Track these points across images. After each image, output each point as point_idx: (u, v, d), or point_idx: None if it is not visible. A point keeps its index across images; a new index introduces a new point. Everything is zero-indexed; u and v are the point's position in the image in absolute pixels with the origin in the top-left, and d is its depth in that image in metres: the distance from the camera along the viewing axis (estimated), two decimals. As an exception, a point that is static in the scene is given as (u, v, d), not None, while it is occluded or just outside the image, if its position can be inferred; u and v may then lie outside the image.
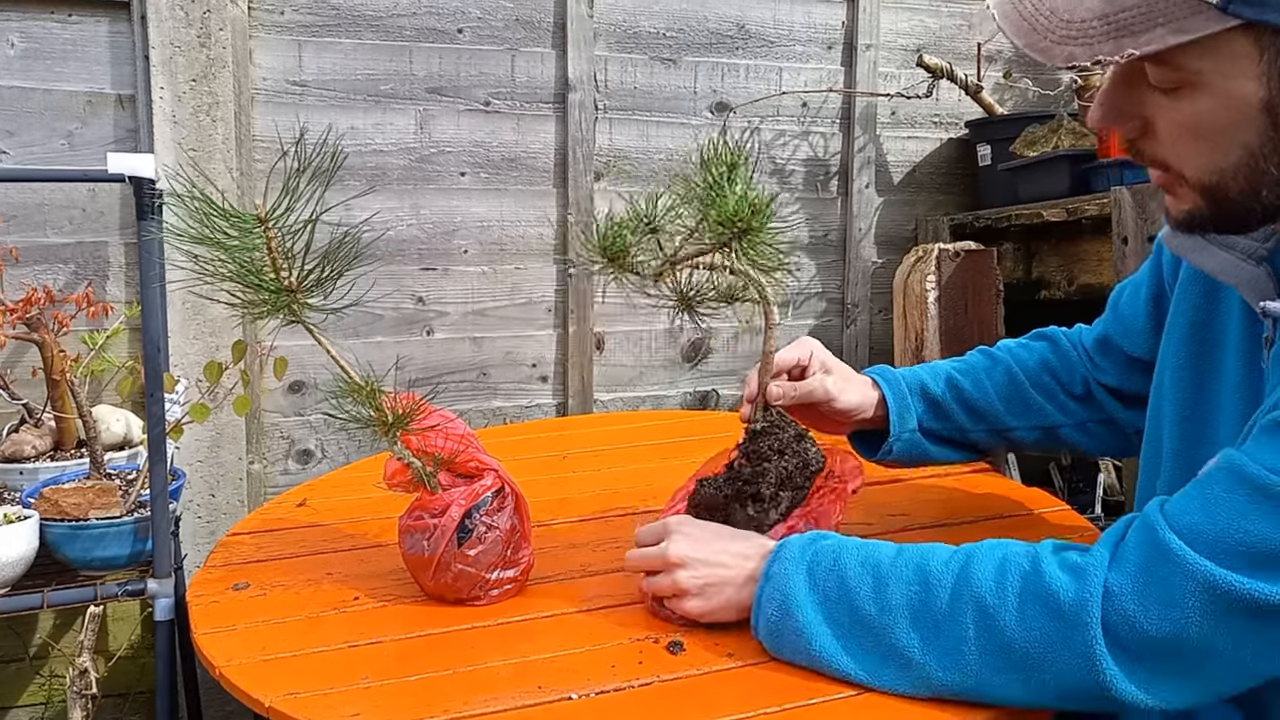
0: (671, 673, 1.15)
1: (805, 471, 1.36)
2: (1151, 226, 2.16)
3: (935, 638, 1.05)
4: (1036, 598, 1.01)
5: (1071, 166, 2.69)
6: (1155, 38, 0.88)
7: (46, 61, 2.34)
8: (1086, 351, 1.53)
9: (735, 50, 3.01)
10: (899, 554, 1.12)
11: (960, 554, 1.09)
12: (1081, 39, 0.91)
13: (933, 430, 1.57)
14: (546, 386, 2.92)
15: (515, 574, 1.36)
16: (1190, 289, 1.22)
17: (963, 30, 3.26)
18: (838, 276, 3.20)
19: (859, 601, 1.10)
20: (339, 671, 1.16)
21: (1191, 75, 0.92)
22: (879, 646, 1.08)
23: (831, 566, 1.13)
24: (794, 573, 1.14)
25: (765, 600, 1.16)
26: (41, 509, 1.75)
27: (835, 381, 1.51)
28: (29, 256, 2.33)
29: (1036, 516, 1.65)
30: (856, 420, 1.55)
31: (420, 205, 2.73)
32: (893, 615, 1.07)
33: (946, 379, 1.57)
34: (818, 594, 1.12)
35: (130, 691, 2.50)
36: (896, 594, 1.08)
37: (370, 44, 2.65)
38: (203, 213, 1.16)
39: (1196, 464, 1.06)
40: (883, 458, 1.57)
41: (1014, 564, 1.05)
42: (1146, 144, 1.02)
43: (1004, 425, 1.56)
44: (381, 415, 1.27)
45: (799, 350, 1.54)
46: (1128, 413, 1.49)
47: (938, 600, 1.06)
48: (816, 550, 1.16)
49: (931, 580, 1.07)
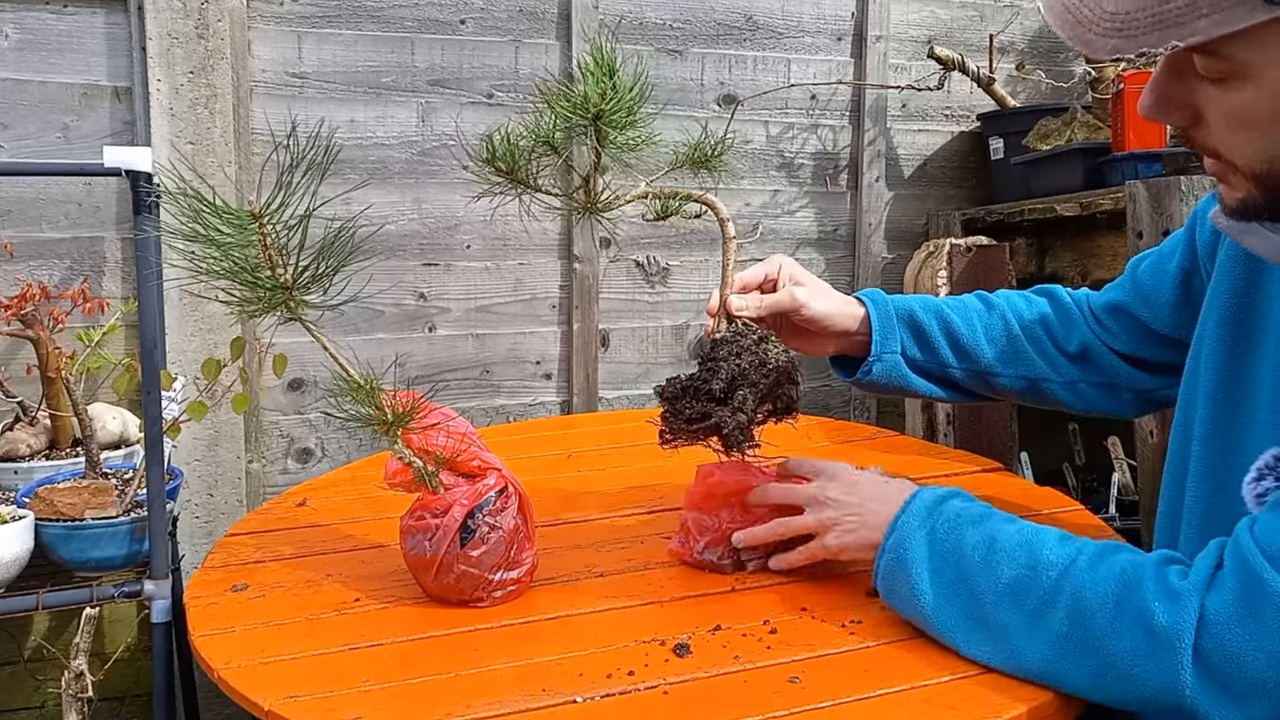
0: (679, 676, 1.14)
1: (763, 369, 1.38)
2: (1167, 221, 2.16)
3: (1034, 623, 1.10)
4: (1133, 610, 1.04)
5: (1085, 160, 2.68)
6: (1200, 29, 0.87)
7: (42, 53, 2.34)
8: (1093, 313, 1.55)
9: (743, 42, 3.00)
10: (1018, 532, 1.18)
11: (1073, 547, 1.13)
12: (1126, 31, 0.91)
13: (915, 360, 1.59)
14: (551, 384, 2.92)
15: (519, 575, 1.35)
16: (1232, 270, 1.23)
17: (975, 21, 3.25)
18: (847, 272, 3.20)
19: (970, 571, 1.16)
20: (339, 674, 1.16)
21: (1239, 65, 0.93)
22: (978, 616, 1.15)
23: (950, 530, 1.21)
24: (916, 529, 1.22)
25: (887, 550, 1.24)
26: (36, 509, 1.75)
27: (805, 291, 1.53)
28: (24, 251, 2.33)
29: (1050, 517, 1.65)
30: (836, 334, 1.56)
31: (422, 199, 2.72)
32: (999, 593, 1.13)
33: (936, 311, 1.59)
34: (935, 556, 1.20)
35: (127, 695, 2.50)
36: (1005, 572, 1.14)
37: (371, 35, 2.64)
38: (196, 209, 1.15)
39: (1231, 444, 1.12)
40: (862, 377, 1.59)
41: (1119, 572, 1.08)
42: (1198, 133, 1.03)
43: (988, 368, 1.58)
44: (382, 413, 1.27)
45: (768, 265, 1.57)
46: (1134, 373, 1.52)
47: (1042, 589, 1.11)
48: (942, 511, 1.23)
49: (1040, 567, 1.12)
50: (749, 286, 1.53)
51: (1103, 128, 2.75)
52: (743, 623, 1.28)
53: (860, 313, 1.57)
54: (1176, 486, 1.27)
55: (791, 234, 3.12)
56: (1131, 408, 1.56)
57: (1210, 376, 1.22)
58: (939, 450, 2.13)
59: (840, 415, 3.13)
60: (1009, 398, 1.63)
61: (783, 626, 1.26)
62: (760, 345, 1.42)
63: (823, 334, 1.56)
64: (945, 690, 1.11)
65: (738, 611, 1.31)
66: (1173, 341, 1.42)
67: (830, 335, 1.57)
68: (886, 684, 1.12)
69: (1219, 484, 1.18)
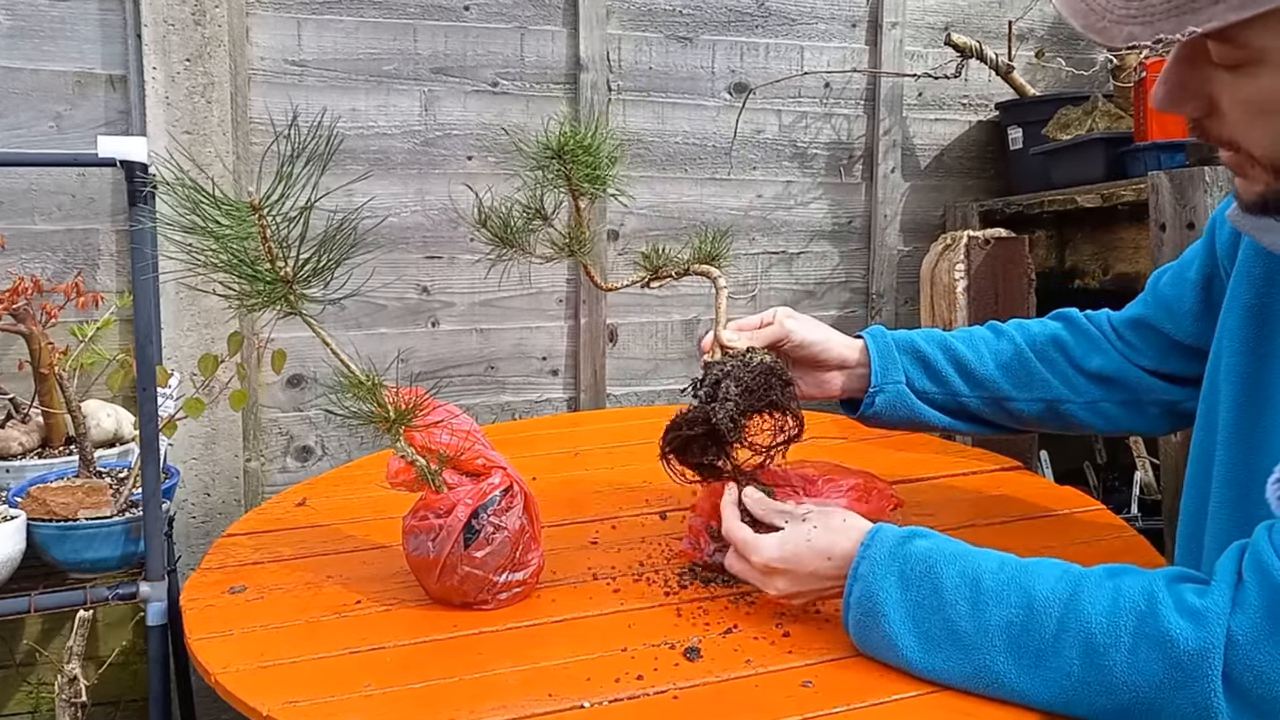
0: (688, 680, 1.14)
1: (747, 366, 1.43)
2: (1190, 213, 2.15)
3: (1036, 668, 1.06)
4: (1152, 641, 1.01)
5: (1107, 150, 2.67)
6: (1216, 14, 0.87)
7: (34, 40, 2.34)
8: (1115, 331, 1.55)
9: (755, 28, 3.00)
10: (1000, 568, 1.12)
11: (1068, 580, 1.09)
12: (1141, 18, 0.91)
13: (926, 393, 1.59)
14: (557, 380, 2.92)
15: (524, 576, 1.35)
16: (1250, 271, 1.22)
17: (993, 7, 3.24)
18: (862, 265, 3.19)
19: (955, 617, 1.11)
20: (340, 679, 1.16)
21: (1255, 52, 0.93)
22: (970, 663, 1.10)
23: (925, 573, 1.14)
24: (883, 575, 1.16)
25: (854, 602, 1.17)
26: (29, 508, 1.75)
27: (794, 320, 1.57)
28: (15, 244, 2.34)
29: (1070, 517, 1.65)
30: (833, 365, 1.60)
31: (425, 191, 2.72)
32: (990, 637, 1.09)
33: (940, 341, 1.61)
34: (909, 602, 1.14)
35: (121, 700, 2.51)
36: (996, 615, 1.09)
37: (373, 22, 2.64)
38: (194, 200, 1.15)
39: (1254, 448, 1.10)
40: (865, 410, 1.60)
41: (1128, 600, 1.04)
42: (1213, 124, 1.03)
43: (1003, 394, 1.58)
44: (384, 411, 1.27)
45: (764, 314, 1.59)
46: (1162, 385, 1.51)
47: (1042, 630, 1.06)
48: (908, 553, 1.16)
49: (1036, 607, 1.07)
50: (744, 329, 1.56)
51: (1124, 117, 2.74)
52: (755, 626, 1.28)
53: (859, 344, 1.61)
54: (1200, 490, 1.26)
55: (805, 226, 3.11)
56: (1159, 423, 1.55)
57: (1232, 378, 1.22)
58: (957, 448, 2.13)
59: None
60: (1031, 425, 1.62)
61: (796, 630, 1.26)
62: (745, 354, 1.47)
63: (819, 365, 1.60)
64: (960, 695, 1.11)
65: (750, 614, 1.31)
66: (1198, 352, 1.41)
67: (828, 367, 1.60)
68: (901, 689, 1.12)
69: (1243, 487, 1.17)
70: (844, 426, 2.26)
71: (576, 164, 1.50)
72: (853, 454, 2.01)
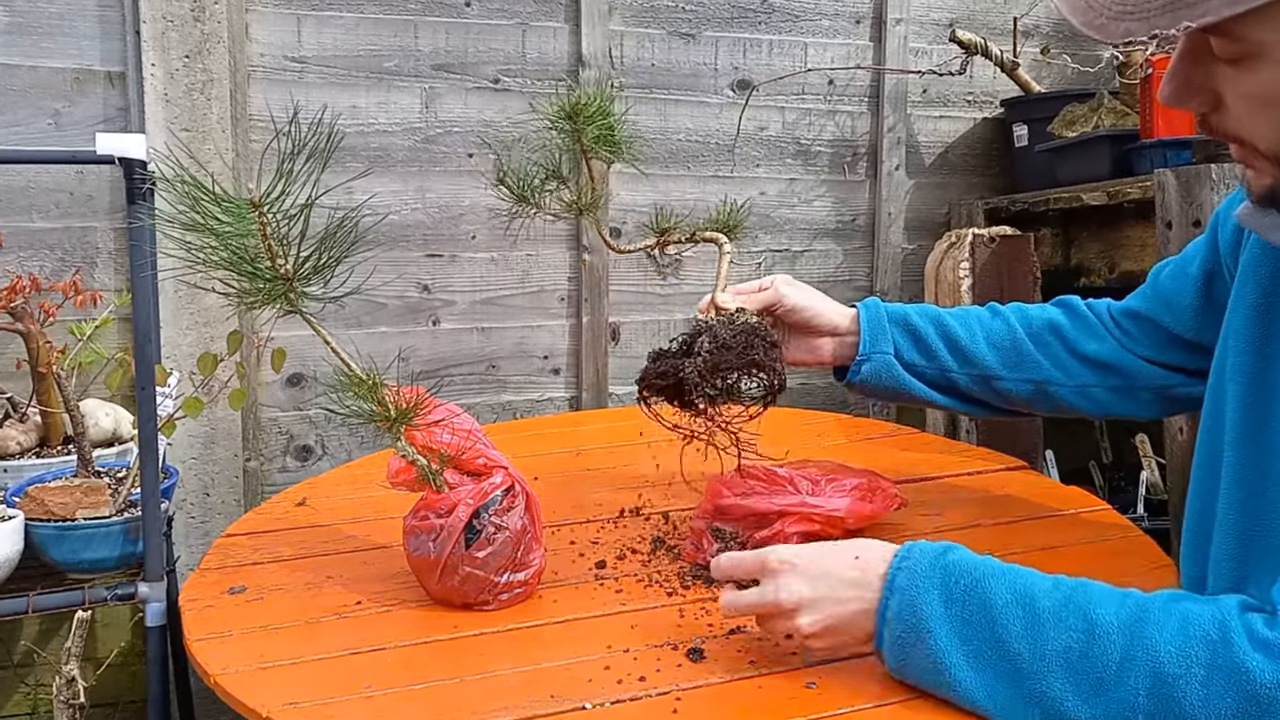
0: (691, 681, 1.14)
1: (730, 325, 1.47)
2: (1197, 211, 2.15)
3: (1096, 696, 1.01)
4: (1227, 675, 0.97)
5: (1113, 147, 2.67)
6: (1211, 9, 0.88)
7: (32, 37, 2.34)
8: (1114, 319, 1.57)
9: (758, 25, 3.00)
10: (1054, 588, 1.07)
11: (1131, 604, 1.04)
12: (1138, 14, 0.92)
13: (914, 365, 1.61)
14: (559, 379, 2.92)
15: (526, 577, 1.35)
16: (1256, 271, 1.22)
17: (998, 4, 3.24)
18: (866, 263, 3.19)
19: (1007, 638, 1.05)
20: (340, 680, 1.16)
21: (1254, 46, 0.93)
22: (1023, 688, 1.04)
23: (971, 588, 1.09)
24: (925, 589, 1.10)
25: (892, 616, 1.10)
26: (26, 508, 1.75)
27: (790, 286, 1.60)
28: (13, 242, 2.34)
29: (1075, 517, 1.65)
30: (825, 331, 1.62)
31: (426, 188, 2.72)
32: (1047, 662, 1.03)
33: (934, 317, 1.63)
34: (955, 619, 1.08)
35: (120, 701, 2.51)
36: (1055, 639, 1.03)
37: (373, 18, 2.64)
38: (193, 197, 1.15)
39: (1262, 448, 1.09)
40: (852, 376, 1.62)
41: (1198, 629, 1.00)
42: (1218, 119, 1.03)
43: (992, 373, 1.59)
44: (385, 410, 1.27)
45: (763, 280, 1.63)
46: (1155, 371, 1.52)
47: (1105, 657, 1.01)
48: (949, 565, 1.11)
49: (1099, 632, 1.02)
50: (741, 293, 1.59)
51: (1130, 114, 2.74)
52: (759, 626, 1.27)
53: (851, 313, 1.64)
54: (1207, 491, 1.25)
55: (808, 224, 3.11)
56: (1151, 408, 1.56)
57: (1239, 378, 1.21)
58: (961, 448, 2.13)
59: (860, 413, 3.12)
60: (1019, 405, 1.62)
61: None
62: (735, 314, 1.51)
63: (812, 330, 1.62)
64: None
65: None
66: (1196, 345, 1.44)
67: (820, 333, 1.63)
68: (905, 691, 1.11)
69: (1251, 489, 1.16)
70: (848, 427, 2.26)
71: (588, 124, 1.59)
72: (857, 454, 2.01)
